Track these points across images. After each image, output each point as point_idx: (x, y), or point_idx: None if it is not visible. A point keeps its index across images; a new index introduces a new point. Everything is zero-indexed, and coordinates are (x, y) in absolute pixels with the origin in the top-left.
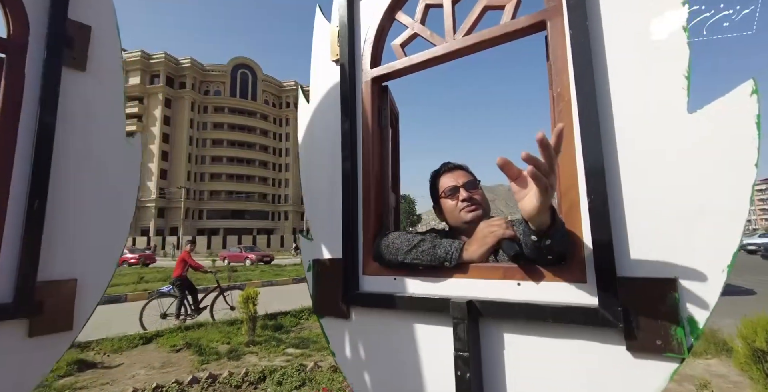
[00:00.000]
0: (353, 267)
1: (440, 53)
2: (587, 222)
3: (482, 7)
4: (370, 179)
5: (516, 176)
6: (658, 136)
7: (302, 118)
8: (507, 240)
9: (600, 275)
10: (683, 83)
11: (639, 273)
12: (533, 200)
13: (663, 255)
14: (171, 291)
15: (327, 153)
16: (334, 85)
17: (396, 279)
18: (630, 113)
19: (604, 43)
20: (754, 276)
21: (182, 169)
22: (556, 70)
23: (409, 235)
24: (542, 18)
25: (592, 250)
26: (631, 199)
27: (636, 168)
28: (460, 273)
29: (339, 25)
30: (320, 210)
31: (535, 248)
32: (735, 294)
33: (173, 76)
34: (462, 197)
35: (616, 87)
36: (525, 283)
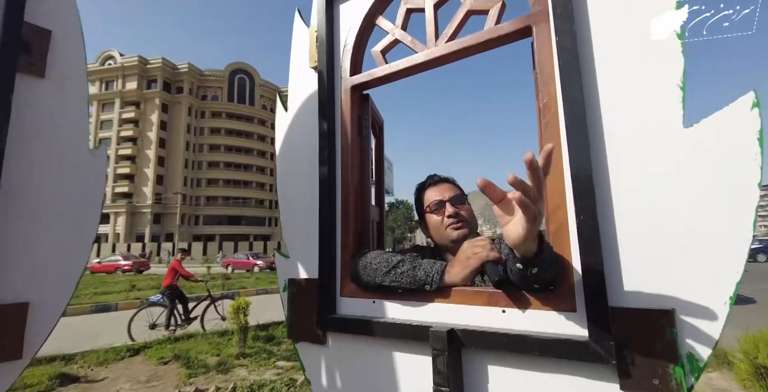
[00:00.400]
0: (330, 288)
1: (422, 60)
2: (576, 245)
3: (465, 11)
4: (349, 193)
5: (499, 199)
6: (652, 153)
7: (280, 127)
8: (491, 263)
9: (591, 304)
10: (678, 94)
11: (633, 304)
12: (518, 228)
13: (659, 285)
14: (161, 300)
15: (305, 164)
16: (313, 93)
17: (375, 302)
18: (622, 127)
19: (592, 51)
20: (756, 283)
21: (179, 175)
22: (542, 79)
23: (388, 255)
24: (527, 23)
25: (581, 277)
26: (623, 221)
27: (628, 187)
28: (441, 298)
29: (317, 30)
30: (297, 226)
31: (521, 276)
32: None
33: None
34: (448, 213)
35: (606, 98)
36: (510, 311)
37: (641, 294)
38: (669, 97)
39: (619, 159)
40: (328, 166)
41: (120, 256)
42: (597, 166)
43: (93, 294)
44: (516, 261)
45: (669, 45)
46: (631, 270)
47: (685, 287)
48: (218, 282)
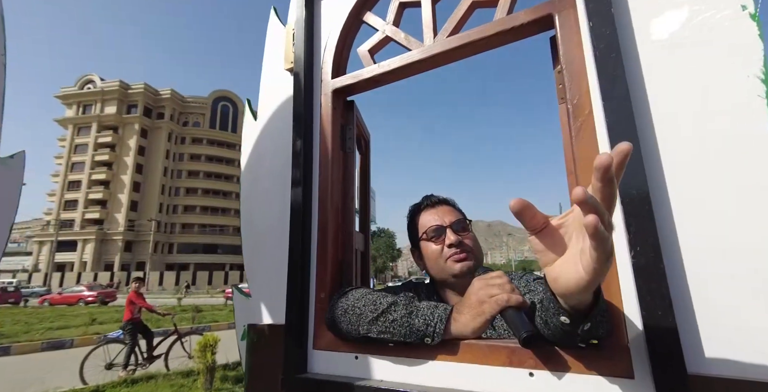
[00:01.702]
0: (300, 337)
1: (418, 58)
2: (631, 288)
3: (469, 3)
4: (329, 217)
5: (540, 227)
6: (729, 164)
7: (247, 139)
8: (514, 309)
9: (660, 370)
10: (760, 88)
11: (722, 371)
12: (579, 270)
13: (756, 343)
14: (121, 336)
15: (276, 182)
16: (288, 99)
17: (358, 358)
18: (684, 132)
19: (635, 38)
20: None
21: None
22: (570, 75)
23: (377, 296)
24: (548, 11)
25: (641, 331)
26: (695, 256)
27: (699, 210)
28: (446, 355)
29: (295, 27)
30: (262, 258)
31: (564, 333)
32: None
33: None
34: (449, 241)
35: (658, 96)
36: (540, 374)
37: (732, 358)
38: (747, 93)
39: (682, 172)
40: (304, 184)
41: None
42: (654, 182)
43: (47, 329)
44: (560, 314)
45: (740, 27)
46: (712, 324)
47: None
48: (188, 314)
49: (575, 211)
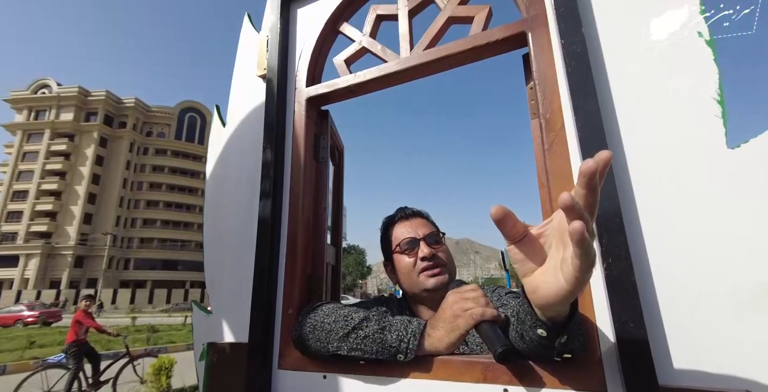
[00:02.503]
0: (264, 356)
1: (394, 70)
2: (604, 301)
3: (446, 18)
4: (299, 228)
5: (520, 236)
6: (691, 179)
7: (214, 146)
8: (489, 323)
9: (632, 383)
10: (716, 109)
11: (689, 383)
12: (560, 281)
13: (720, 355)
14: (62, 361)
15: (242, 192)
16: (259, 106)
17: (326, 378)
18: (647, 146)
19: (603, 58)
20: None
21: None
22: (543, 91)
23: (348, 311)
24: (522, 29)
25: (613, 344)
26: (663, 270)
27: (666, 223)
28: (419, 372)
29: (269, 34)
30: (225, 271)
31: (540, 346)
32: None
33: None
34: (422, 254)
35: (626, 115)
36: (515, 390)
37: (699, 369)
38: (706, 113)
39: (649, 187)
40: (273, 193)
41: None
42: (623, 195)
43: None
44: (537, 326)
45: (698, 53)
46: (680, 337)
47: (756, 358)
48: (143, 335)
49: (554, 220)
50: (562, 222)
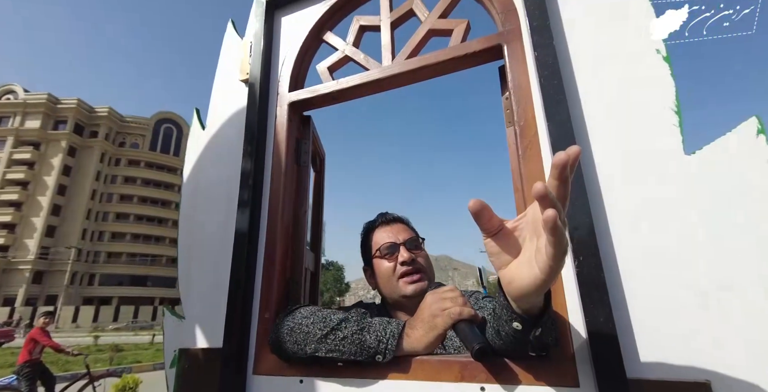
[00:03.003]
0: (238, 362)
1: (376, 77)
2: (576, 298)
3: (426, 30)
4: (278, 232)
5: (496, 230)
6: (653, 182)
7: (193, 148)
8: (466, 323)
9: (603, 377)
10: (674, 119)
11: (656, 374)
12: (534, 270)
13: (685, 348)
14: (13, 383)
15: (220, 195)
16: (240, 110)
17: (303, 382)
18: (613, 152)
19: (572, 68)
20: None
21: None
22: (517, 100)
23: (327, 313)
24: (498, 42)
25: (585, 339)
26: (630, 268)
27: (630, 224)
28: (397, 373)
29: (253, 40)
30: (199, 274)
31: (516, 340)
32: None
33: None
34: (402, 258)
35: (594, 123)
36: (491, 388)
37: (665, 361)
38: (664, 122)
39: (616, 191)
40: (253, 196)
41: None
42: (593, 197)
43: None
44: (512, 320)
45: (657, 69)
46: (647, 332)
47: (716, 351)
48: (105, 354)
49: (528, 214)
50: (536, 215)
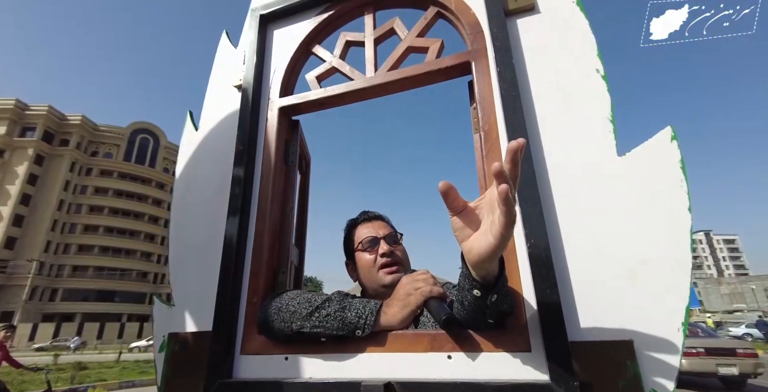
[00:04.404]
0: (227, 343)
1: (360, 87)
2: (528, 276)
3: (405, 47)
4: (266, 224)
5: (460, 209)
6: (592, 178)
7: (186, 147)
8: (436, 299)
9: (549, 341)
10: (609, 127)
11: (592, 337)
12: (489, 237)
13: (614, 314)
14: None
15: (211, 192)
16: (233, 114)
17: (288, 359)
18: (561, 153)
19: (529, 84)
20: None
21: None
22: (483, 109)
23: (311, 295)
24: (467, 59)
25: (536, 310)
26: (572, 248)
27: (573, 212)
28: (375, 346)
29: (247, 50)
30: (190, 265)
31: (477, 307)
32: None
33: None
34: (382, 251)
35: (545, 127)
36: (457, 356)
37: (599, 326)
38: (602, 129)
39: (562, 183)
40: (244, 190)
41: None
42: (543, 189)
43: None
44: (472, 288)
45: (596, 85)
46: (585, 301)
47: (639, 315)
48: (67, 373)
49: (486, 196)
50: (492, 196)
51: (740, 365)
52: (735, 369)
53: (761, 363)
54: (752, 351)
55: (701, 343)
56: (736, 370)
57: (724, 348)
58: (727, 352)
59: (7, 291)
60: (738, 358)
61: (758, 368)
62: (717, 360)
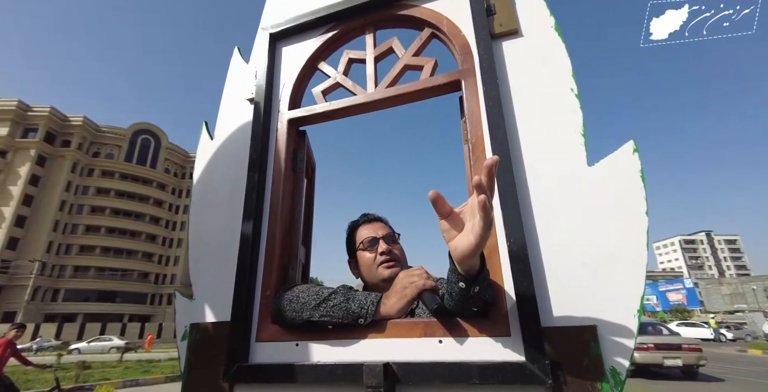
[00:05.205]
0: (244, 332)
1: (361, 101)
2: (508, 271)
3: (402, 65)
4: (277, 225)
5: (447, 213)
6: (565, 185)
7: (202, 155)
8: (428, 291)
9: (526, 327)
10: (581, 140)
11: (561, 323)
12: (470, 238)
13: (581, 303)
14: None
15: (226, 194)
16: (245, 123)
17: (298, 345)
18: (540, 163)
19: (512, 102)
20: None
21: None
22: (471, 123)
23: (319, 288)
24: (457, 77)
25: (515, 300)
26: (547, 246)
27: (548, 215)
28: (375, 333)
29: (258, 66)
30: (209, 262)
31: (462, 297)
32: (709, 380)
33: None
34: (381, 249)
35: (525, 140)
36: (447, 340)
37: (568, 313)
38: (574, 142)
39: (539, 188)
40: (256, 195)
41: None
42: (522, 194)
43: None
44: (459, 281)
45: (570, 102)
46: (557, 292)
47: (602, 303)
48: (71, 372)
49: (469, 203)
50: (473, 203)
51: (684, 358)
52: (679, 361)
53: (703, 356)
54: (696, 346)
55: (652, 340)
56: (680, 362)
57: (671, 344)
58: (674, 347)
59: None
60: (683, 352)
61: (701, 360)
62: (664, 353)
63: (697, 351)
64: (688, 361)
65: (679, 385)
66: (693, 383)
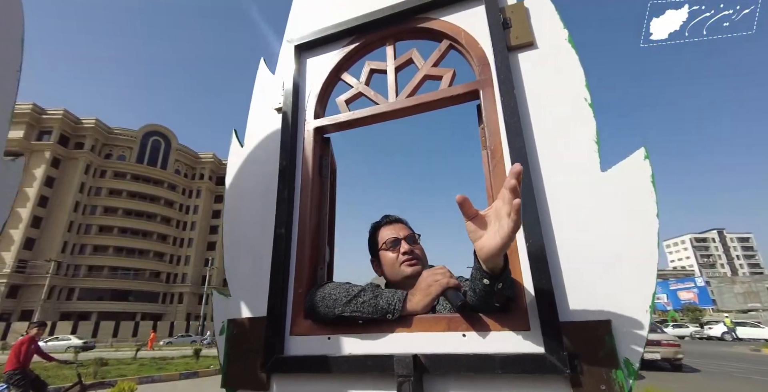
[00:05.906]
0: (279, 326)
1: (383, 110)
2: (527, 269)
3: (422, 75)
4: (306, 228)
5: (473, 215)
6: (580, 189)
7: (233, 163)
8: (452, 289)
9: (545, 322)
10: (594, 147)
11: (578, 318)
12: (497, 238)
13: (596, 300)
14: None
15: (258, 199)
16: (274, 132)
17: (330, 339)
18: (556, 169)
19: (528, 111)
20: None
21: (57, 239)
22: (489, 131)
23: (349, 285)
24: (475, 87)
25: (534, 297)
26: (563, 246)
27: (564, 217)
28: (402, 327)
29: (284, 77)
30: (244, 262)
31: (486, 293)
32: (686, 371)
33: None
34: (403, 250)
35: (542, 147)
36: (470, 334)
37: (584, 308)
38: (588, 149)
39: (555, 193)
40: (288, 200)
41: None
42: (539, 198)
43: None
44: (482, 277)
45: (584, 111)
46: (574, 289)
47: (616, 300)
48: (89, 369)
49: (493, 207)
50: (498, 207)
51: (662, 352)
52: (658, 355)
53: (680, 351)
54: (674, 342)
55: None
56: (659, 356)
57: (651, 340)
58: (654, 343)
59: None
60: (661, 347)
61: (678, 354)
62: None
63: (675, 347)
64: (666, 355)
65: (694, 380)
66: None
